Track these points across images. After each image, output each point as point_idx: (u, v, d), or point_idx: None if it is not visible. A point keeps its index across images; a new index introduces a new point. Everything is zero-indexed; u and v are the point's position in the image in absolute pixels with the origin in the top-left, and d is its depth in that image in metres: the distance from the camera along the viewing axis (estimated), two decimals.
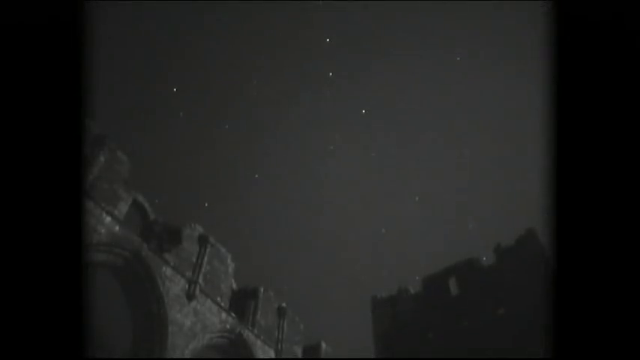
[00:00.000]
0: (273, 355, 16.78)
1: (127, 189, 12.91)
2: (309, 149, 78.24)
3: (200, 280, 14.38)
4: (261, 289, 17.93)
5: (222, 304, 15.23)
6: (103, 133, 12.59)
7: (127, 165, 13.07)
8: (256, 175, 76.29)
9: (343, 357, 21.44)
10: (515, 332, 22.16)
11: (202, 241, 15.37)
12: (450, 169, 76.24)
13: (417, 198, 78.28)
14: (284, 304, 18.73)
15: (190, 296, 13.80)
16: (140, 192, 13.52)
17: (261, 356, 16.09)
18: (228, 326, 15.14)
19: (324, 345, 20.77)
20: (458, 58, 70.56)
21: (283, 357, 17.16)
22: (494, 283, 24.61)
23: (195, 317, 13.79)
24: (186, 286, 13.87)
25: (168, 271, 13.38)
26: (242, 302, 16.96)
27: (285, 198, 77.44)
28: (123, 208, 12.54)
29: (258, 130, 77.04)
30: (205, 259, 15.14)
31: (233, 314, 15.58)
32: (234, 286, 17.22)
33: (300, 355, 18.75)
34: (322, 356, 20.12)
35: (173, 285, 13.37)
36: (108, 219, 11.81)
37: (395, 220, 76.93)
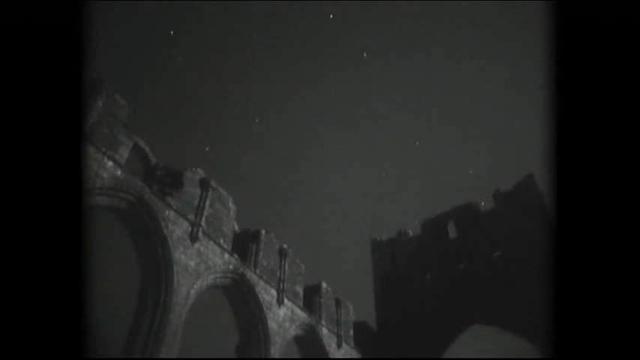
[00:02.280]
0: (275, 295, 17.38)
1: (128, 133, 12.89)
2: (310, 92, 77.08)
3: (202, 223, 14.67)
4: (263, 232, 18.30)
5: (225, 246, 15.62)
6: (100, 77, 12.40)
7: (126, 109, 12.97)
8: (257, 120, 75.73)
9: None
10: (510, 274, 22.85)
11: (204, 184, 15.53)
12: (451, 115, 75.56)
13: (417, 142, 78.10)
14: (285, 246, 19.18)
15: (193, 238, 14.13)
16: (140, 136, 13.51)
17: (264, 295, 16.68)
18: (231, 267, 15.61)
19: (324, 285, 21.46)
20: (463, 4, 68.09)
21: (285, 295, 17.76)
22: (492, 227, 25.07)
23: (199, 258, 14.19)
24: (189, 229, 14.17)
25: (171, 214, 13.62)
26: (244, 244, 17.37)
27: (286, 142, 77.30)
28: (124, 152, 12.58)
29: (258, 73, 75.64)
30: (207, 202, 15.36)
31: (236, 255, 16.01)
32: (236, 228, 17.57)
33: (301, 294, 19.43)
34: (322, 295, 20.83)
35: (176, 228, 13.66)
36: (110, 163, 11.89)
37: (395, 163, 77.12)
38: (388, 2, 69.68)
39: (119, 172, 12.16)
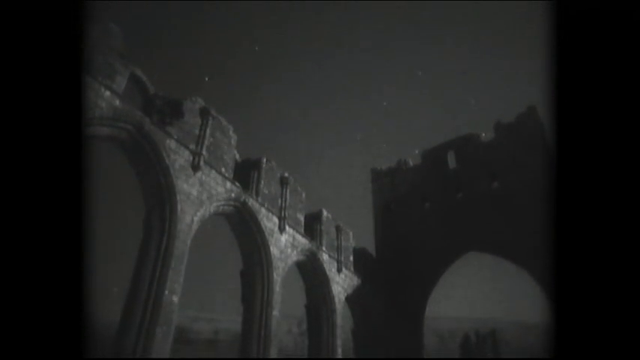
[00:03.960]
0: (276, 222, 17.86)
1: (124, 63, 12.60)
2: (311, 17, 74.02)
3: (204, 152, 14.76)
4: (264, 160, 18.42)
5: (227, 175, 15.82)
6: (93, 4, 11.91)
7: (120, 37, 12.59)
8: (256, 48, 73.42)
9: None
10: (507, 204, 23.26)
11: (204, 113, 15.44)
12: (454, 47, 72.88)
13: (420, 72, 76.10)
14: (286, 174, 19.40)
15: (195, 167, 14.28)
16: (137, 66, 13.23)
17: (266, 223, 17.15)
18: (233, 195, 15.91)
19: (325, 212, 21.94)
20: None
21: (287, 222, 18.23)
22: (492, 158, 25.14)
23: (201, 187, 14.44)
24: (191, 158, 14.29)
25: (172, 143, 13.68)
26: (245, 173, 17.56)
27: (287, 71, 75.52)
28: (121, 82, 12.38)
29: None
30: (208, 131, 15.35)
31: (237, 184, 16.26)
32: (238, 157, 17.69)
33: (302, 221, 19.95)
34: (323, 222, 21.37)
35: (178, 157, 13.78)
36: (107, 93, 11.75)
37: (396, 93, 75.84)
38: None
39: (117, 102, 12.06)
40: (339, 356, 19.27)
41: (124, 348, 10.96)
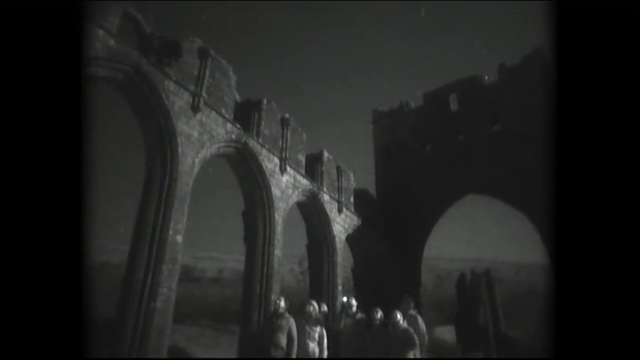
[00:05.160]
0: (277, 163, 17.95)
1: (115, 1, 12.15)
2: None
3: (203, 93, 14.58)
4: (264, 101, 18.24)
5: (227, 116, 15.72)
6: None
7: None
8: None
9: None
10: (508, 148, 23.25)
11: (203, 53, 15.11)
12: None
13: (422, 12, 73.33)
14: (287, 115, 19.27)
15: (195, 109, 14.17)
16: (130, 4, 12.76)
17: (267, 164, 17.24)
18: (233, 136, 15.89)
19: (326, 153, 22.01)
20: None
21: (287, 163, 18.31)
22: (494, 101, 24.84)
23: (202, 128, 14.40)
24: (190, 100, 14.14)
25: (170, 85, 13.49)
26: (246, 114, 17.44)
27: (288, 11, 72.80)
28: (114, 20, 11.99)
29: None
30: (207, 71, 15.08)
31: (238, 125, 16.20)
32: (238, 98, 17.51)
33: (303, 162, 20.05)
34: (324, 164, 21.48)
35: (177, 99, 13.63)
36: (101, 32, 11.44)
37: (399, 33, 73.49)
38: None
39: (112, 42, 11.77)
40: (340, 293, 19.98)
41: (133, 282, 11.39)
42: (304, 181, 19.66)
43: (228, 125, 15.68)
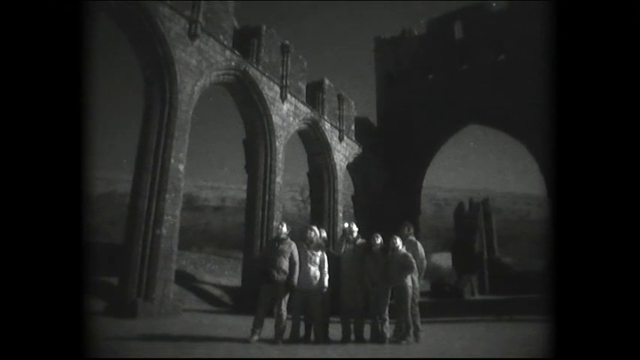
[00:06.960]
0: (278, 91, 17.71)
1: None
2: None
3: (200, 19, 14.07)
4: (264, 27, 17.69)
5: (226, 43, 15.28)
6: None
7: None
8: None
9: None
10: (512, 78, 22.80)
11: None
12: None
13: None
14: (287, 42, 18.74)
15: (192, 35, 13.74)
16: None
17: (267, 92, 17.01)
18: (233, 64, 15.56)
19: (327, 81, 21.65)
20: None
21: (288, 91, 18.05)
22: (500, 29, 24.03)
23: (200, 56, 14.05)
24: (187, 26, 13.68)
25: (165, 10, 12.97)
26: (245, 41, 16.95)
27: None
28: None
29: None
30: None
31: (237, 52, 15.80)
32: (236, 24, 16.92)
33: (304, 90, 19.76)
34: (325, 92, 21.18)
35: (173, 25, 13.17)
36: None
37: None
38: None
39: None
40: (340, 220, 20.48)
41: (138, 209, 11.68)
42: (305, 109, 19.51)
43: (227, 52, 15.29)
